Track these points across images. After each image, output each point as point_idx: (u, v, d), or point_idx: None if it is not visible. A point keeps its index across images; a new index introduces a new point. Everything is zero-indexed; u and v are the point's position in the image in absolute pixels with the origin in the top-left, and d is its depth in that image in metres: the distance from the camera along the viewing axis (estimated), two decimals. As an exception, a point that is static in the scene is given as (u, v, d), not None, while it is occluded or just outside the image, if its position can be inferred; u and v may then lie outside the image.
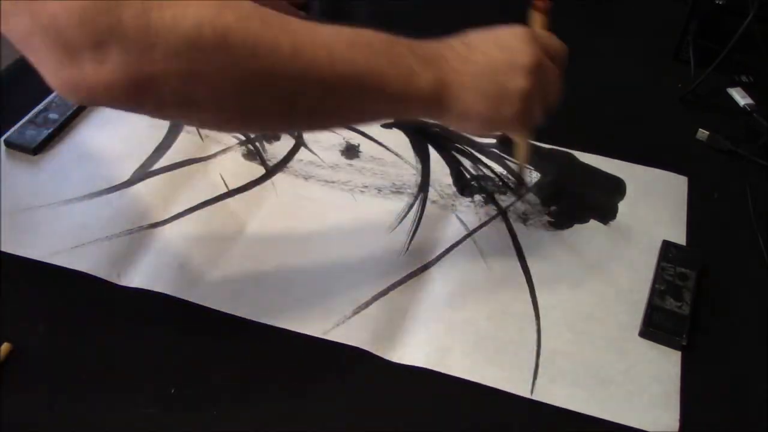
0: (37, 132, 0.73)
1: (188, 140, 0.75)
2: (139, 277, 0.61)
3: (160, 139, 0.75)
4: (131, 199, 0.68)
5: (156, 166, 0.71)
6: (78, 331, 0.57)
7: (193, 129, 0.76)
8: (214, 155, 0.73)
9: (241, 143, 0.75)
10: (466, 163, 0.75)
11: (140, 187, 0.69)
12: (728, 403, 0.56)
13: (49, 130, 0.73)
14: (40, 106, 0.76)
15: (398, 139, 0.77)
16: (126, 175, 0.70)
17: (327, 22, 0.49)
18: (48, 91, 0.75)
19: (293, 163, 0.73)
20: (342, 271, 0.63)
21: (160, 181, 0.70)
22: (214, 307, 0.59)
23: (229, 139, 0.75)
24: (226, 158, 0.73)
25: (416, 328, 0.59)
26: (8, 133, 0.73)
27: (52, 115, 0.75)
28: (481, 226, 0.68)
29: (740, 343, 0.60)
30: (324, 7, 0.98)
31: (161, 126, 0.76)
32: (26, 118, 0.74)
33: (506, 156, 0.76)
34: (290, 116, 0.49)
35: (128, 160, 0.72)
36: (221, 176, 0.71)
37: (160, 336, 0.57)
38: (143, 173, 0.71)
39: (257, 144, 0.75)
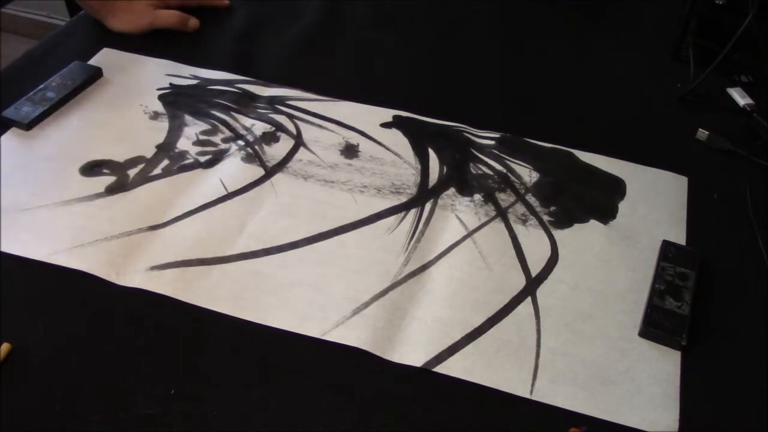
0: (32, 108, 0.76)
1: (188, 146, 0.75)
2: (138, 277, 0.61)
3: (160, 141, 0.75)
4: (131, 202, 0.68)
5: (156, 171, 0.71)
6: (78, 331, 0.57)
7: (191, 134, 0.76)
8: (214, 161, 0.73)
9: (240, 148, 0.75)
10: (466, 162, 0.75)
11: (140, 191, 0.69)
12: (728, 403, 0.56)
13: (45, 107, 0.76)
14: (41, 86, 0.79)
15: (397, 139, 0.77)
16: (125, 178, 0.70)
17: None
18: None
19: (292, 163, 0.73)
20: (341, 271, 0.63)
21: (160, 186, 0.70)
22: (213, 308, 0.59)
23: (228, 143, 0.75)
24: (225, 163, 0.73)
25: (416, 328, 0.59)
26: (6, 109, 0.76)
27: (50, 94, 0.78)
28: (480, 227, 0.68)
29: (740, 343, 0.60)
30: (324, 7, 0.98)
31: (161, 128, 0.76)
32: (26, 96, 0.77)
33: (506, 156, 0.76)
34: None
35: (126, 162, 0.72)
36: (221, 180, 0.71)
37: (160, 336, 0.57)
38: (143, 177, 0.70)
39: (256, 147, 0.75)
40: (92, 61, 0.85)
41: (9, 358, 0.55)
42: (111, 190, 0.69)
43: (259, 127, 0.77)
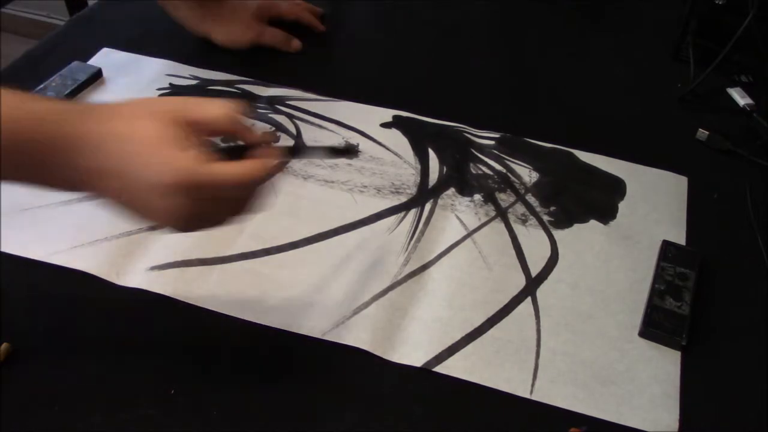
0: None
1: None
2: (138, 277, 0.61)
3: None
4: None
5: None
6: (78, 331, 0.57)
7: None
8: None
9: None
10: (466, 162, 0.75)
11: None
12: (728, 403, 0.56)
13: None
14: (41, 86, 0.79)
15: (397, 139, 0.77)
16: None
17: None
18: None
19: (292, 163, 0.73)
20: (341, 272, 0.63)
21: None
22: (213, 308, 0.59)
23: (228, 143, 0.75)
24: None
25: (416, 328, 0.59)
26: None
27: (50, 94, 0.78)
28: (481, 227, 0.68)
29: (740, 343, 0.60)
30: (324, 8, 0.98)
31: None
32: None
33: (506, 156, 0.76)
34: None
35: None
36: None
37: (160, 336, 0.57)
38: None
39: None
40: (92, 61, 0.85)
41: (9, 358, 0.55)
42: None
43: (259, 127, 0.77)
